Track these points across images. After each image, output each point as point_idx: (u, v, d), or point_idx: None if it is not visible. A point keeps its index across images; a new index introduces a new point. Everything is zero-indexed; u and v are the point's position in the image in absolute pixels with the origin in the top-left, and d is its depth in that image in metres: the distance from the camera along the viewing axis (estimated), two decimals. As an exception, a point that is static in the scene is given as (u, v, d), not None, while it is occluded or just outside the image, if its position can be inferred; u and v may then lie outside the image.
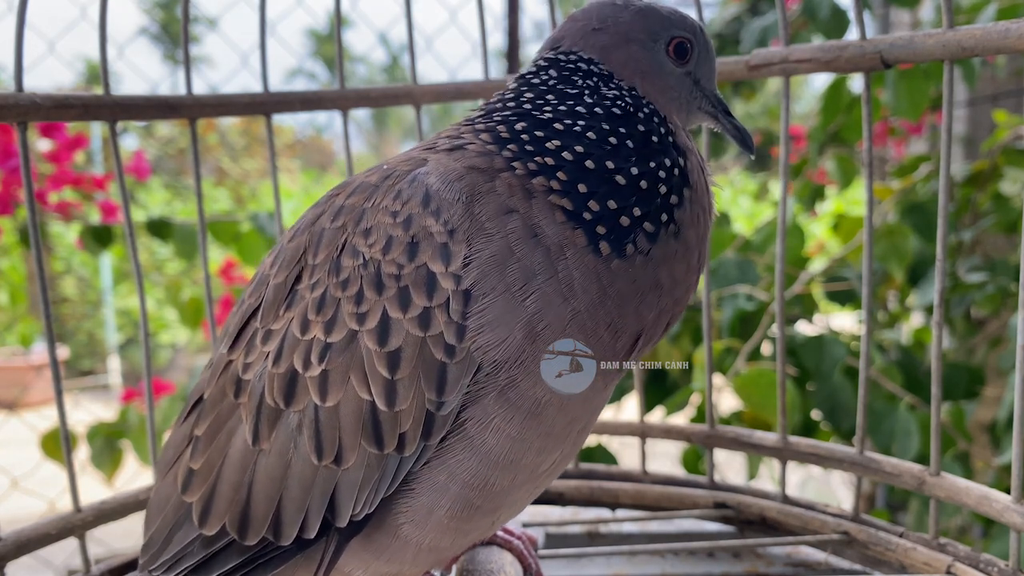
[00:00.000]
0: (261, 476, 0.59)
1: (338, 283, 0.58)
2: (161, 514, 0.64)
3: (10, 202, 1.90)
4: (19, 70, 0.81)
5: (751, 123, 4.39)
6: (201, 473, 0.62)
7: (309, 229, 0.62)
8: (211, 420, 0.62)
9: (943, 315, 0.81)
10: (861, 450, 0.89)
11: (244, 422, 0.60)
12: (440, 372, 0.55)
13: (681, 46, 0.66)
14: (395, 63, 13.71)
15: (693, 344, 1.64)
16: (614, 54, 0.65)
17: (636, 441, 1.06)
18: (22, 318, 5.06)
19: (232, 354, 0.63)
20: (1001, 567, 0.76)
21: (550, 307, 0.56)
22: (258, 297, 0.63)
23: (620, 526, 1.02)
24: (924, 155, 2.02)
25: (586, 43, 0.65)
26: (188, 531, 0.62)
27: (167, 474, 0.66)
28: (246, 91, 0.98)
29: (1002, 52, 0.73)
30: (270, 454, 0.58)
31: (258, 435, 0.59)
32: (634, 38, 0.65)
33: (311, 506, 0.58)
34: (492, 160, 0.60)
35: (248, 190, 6.83)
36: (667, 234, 0.60)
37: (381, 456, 0.57)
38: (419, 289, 0.56)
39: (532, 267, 0.56)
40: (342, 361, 0.57)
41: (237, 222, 1.81)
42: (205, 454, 0.62)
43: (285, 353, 0.59)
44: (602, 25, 0.65)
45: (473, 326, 0.55)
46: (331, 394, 0.57)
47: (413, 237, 0.57)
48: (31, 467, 2.08)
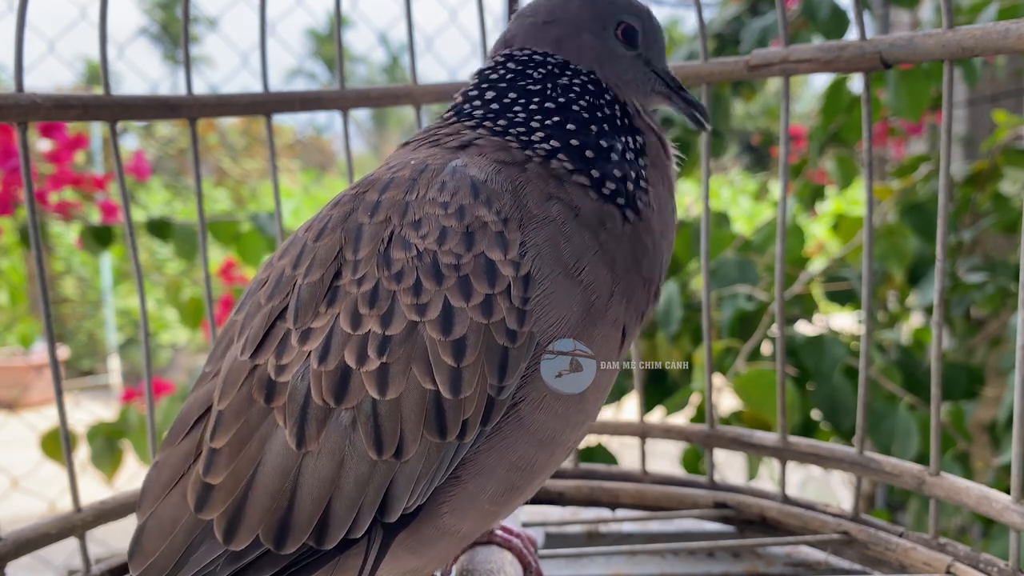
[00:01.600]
0: (309, 479, 0.57)
1: (391, 276, 0.58)
2: (166, 539, 0.60)
3: (10, 202, 1.90)
4: (19, 70, 0.81)
5: (751, 123, 4.39)
6: (224, 487, 0.59)
7: (342, 226, 0.61)
8: (236, 430, 0.59)
9: (943, 315, 0.81)
10: (861, 450, 0.89)
11: (282, 426, 0.58)
12: (503, 357, 0.57)
13: (630, 30, 0.69)
14: (395, 63, 13.71)
15: (693, 344, 1.64)
16: (567, 44, 0.68)
17: (636, 441, 1.06)
18: (22, 318, 5.05)
19: (257, 359, 0.60)
20: (1001, 567, 0.76)
21: (599, 279, 0.60)
22: (283, 298, 0.61)
23: (620, 526, 1.02)
24: (924, 155, 2.02)
25: (538, 38, 0.68)
26: (210, 550, 0.59)
27: (166, 497, 0.62)
28: (246, 91, 0.98)
29: (1002, 52, 0.73)
30: (320, 455, 0.57)
31: (304, 437, 0.57)
32: (585, 27, 0.68)
33: (364, 503, 0.57)
34: (511, 152, 0.63)
35: (248, 190, 6.83)
36: (645, 197, 0.66)
37: (442, 445, 0.57)
38: (480, 277, 0.57)
39: (582, 245, 0.60)
40: (403, 353, 0.56)
41: (237, 222, 1.81)
42: (229, 466, 0.59)
43: (334, 350, 0.57)
44: (552, 18, 0.68)
45: (534, 309, 0.58)
46: (392, 386, 0.56)
47: (468, 227, 0.58)
48: (31, 467, 2.08)
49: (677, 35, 4.67)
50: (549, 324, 0.58)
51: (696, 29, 0.99)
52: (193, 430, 0.63)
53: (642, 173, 0.66)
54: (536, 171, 0.62)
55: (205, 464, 0.60)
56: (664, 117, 1.78)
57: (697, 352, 1.51)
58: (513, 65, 0.68)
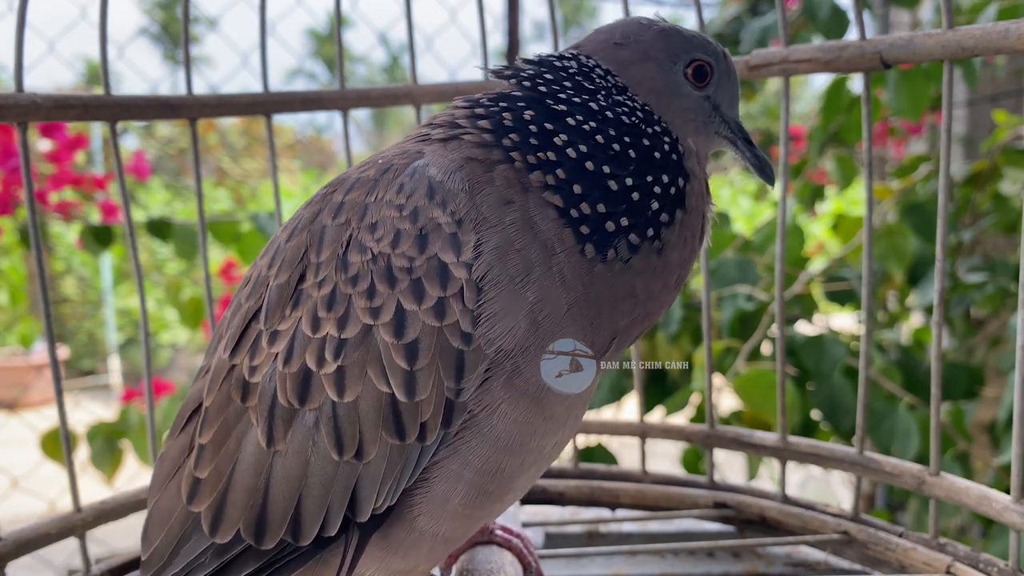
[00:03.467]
0: (278, 477, 0.59)
1: (347, 279, 0.58)
2: (164, 528, 0.63)
3: (10, 202, 1.90)
4: (19, 70, 0.81)
5: (751, 123, 4.39)
6: (209, 481, 0.61)
7: (308, 228, 0.62)
8: (217, 427, 0.61)
9: (943, 315, 0.81)
10: (861, 450, 0.89)
11: (255, 425, 0.59)
12: (458, 359, 0.57)
13: (700, 69, 0.67)
14: (395, 63, 13.70)
15: (693, 344, 1.64)
16: (631, 70, 0.65)
17: (636, 441, 1.06)
18: (22, 318, 5.05)
19: (235, 358, 0.62)
20: (1001, 567, 0.76)
21: (548, 299, 0.58)
22: (258, 299, 0.62)
23: (620, 526, 1.02)
24: (924, 155, 2.02)
25: (606, 55, 0.66)
26: (199, 542, 0.61)
27: (166, 487, 0.65)
28: (246, 91, 0.98)
29: (1002, 52, 0.73)
30: (287, 454, 0.58)
31: (273, 436, 0.59)
32: (653, 56, 0.66)
33: (332, 502, 0.58)
34: (490, 152, 0.61)
35: (248, 190, 6.83)
36: (650, 248, 0.61)
37: (403, 447, 0.57)
38: (432, 280, 0.57)
39: (531, 259, 0.58)
40: (358, 356, 0.57)
41: (237, 222, 1.81)
42: (213, 462, 0.61)
43: (296, 352, 0.58)
44: (624, 41, 0.66)
45: (485, 314, 0.57)
46: (349, 389, 0.57)
47: (421, 229, 0.58)
48: (31, 467, 2.08)
49: (677, 35, 4.65)
50: (497, 335, 0.57)
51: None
52: (188, 424, 0.65)
53: (663, 216, 0.62)
54: (504, 175, 0.60)
55: (195, 458, 0.62)
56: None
57: (697, 352, 1.51)
58: (570, 71, 0.65)
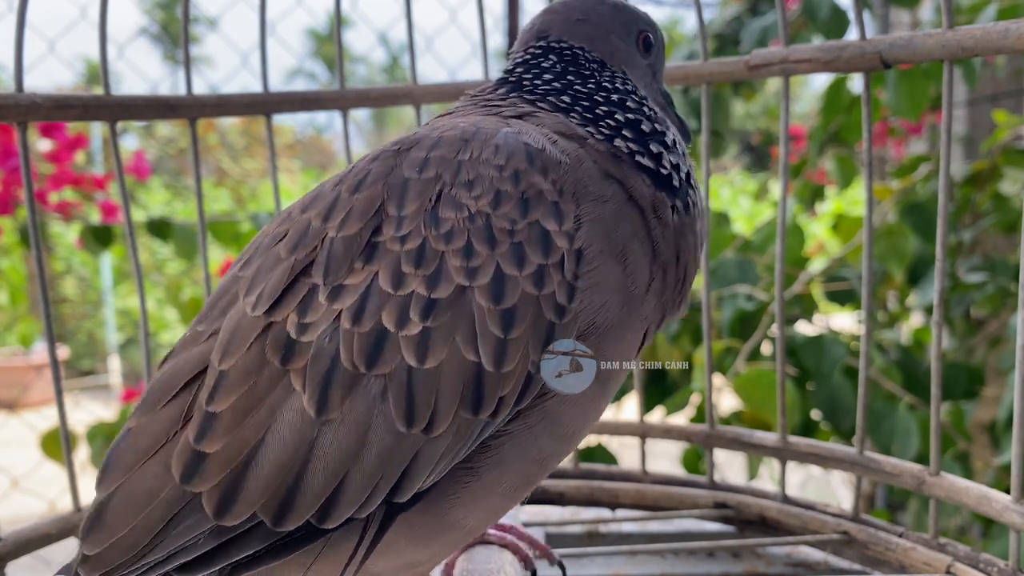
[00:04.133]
0: (326, 450, 0.52)
1: (439, 235, 0.54)
2: (140, 514, 0.54)
3: (10, 202, 1.90)
4: (19, 70, 0.81)
5: (751, 123, 4.39)
6: (222, 456, 0.53)
7: (384, 181, 0.57)
8: (242, 393, 0.54)
9: (943, 315, 0.81)
10: (861, 450, 0.89)
11: (299, 391, 0.53)
12: (548, 332, 0.54)
13: (648, 39, 0.72)
14: (395, 63, 13.71)
15: (693, 344, 1.64)
16: (599, 45, 0.69)
17: (636, 441, 1.06)
18: (22, 318, 5.06)
19: (274, 315, 0.55)
20: (1001, 567, 0.76)
21: (640, 270, 0.59)
22: (311, 251, 0.56)
23: (620, 526, 1.02)
24: (924, 155, 2.02)
25: (572, 33, 0.69)
26: (193, 526, 0.54)
27: (143, 466, 0.55)
28: (246, 91, 0.98)
29: (1002, 52, 0.73)
30: (341, 424, 0.52)
31: (326, 404, 0.52)
32: (614, 30, 0.70)
33: (382, 480, 0.52)
34: (571, 127, 0.62)
35: (248, 190, 6.82)
36: (694, 195, 0.66)
37: (473, 421, 0.53)
38: (534, 246, 0.54)
39: (631, 230, 0.59)
40: (448, 319, 0.53)
41: (237, 222, 1.81)
42: (231, 434, 0.53)
43: (369, 310, 0.53)
44: (584, 16, 0.69)
45: (582, 287, 0.55)
46: (432, 355, 0.52)
47: (523, 193, 0.55)
48: (31, 467, 2.08)
49: (677, 35, 4.68)
50: (594, 307, 0.56)
51: (696, 29, 0.99)
52: (182, 393, 0.57)
53: (691, 169, 0.66)
54: (596, 147, 0.61)
55: (198, 430, 0.54)
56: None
57: (697, 352, 1.51)
58: (559, 54, 0.68)
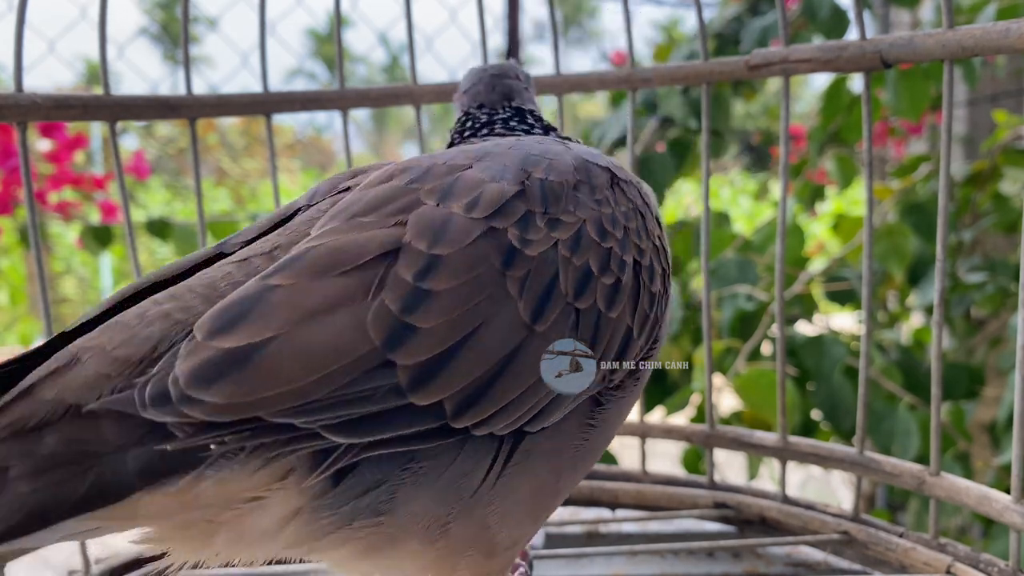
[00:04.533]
0: (525, 358, 0.55)
1: (619, 213, 0.63)
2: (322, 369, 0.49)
3: (10, 202, 1.90)
4: (19, 70, 0.81)
5: (751, 123, 4.39)
6: (436, 334, 0.52)
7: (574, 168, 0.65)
8: (466, 281, 0.54)
9: (943, 315, 0.81)
10: (861, 450, 0.89)
11: (515, 298, 0.55)
12: (653, 326, 0.64)
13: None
14: (395, 63, 13.71)
15: (693, 344, 1.64)
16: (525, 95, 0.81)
17: (636, 441, 1.05)
18: (22, 318, 5.05)
19: (495, 222, 0.56)
20: (1001, 567, 0.76)
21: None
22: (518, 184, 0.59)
23: (620, 526, 1.02)
24: (924, 155, 2.02)
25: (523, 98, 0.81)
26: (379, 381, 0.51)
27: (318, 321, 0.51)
28: (246, 91, 0.98)
29: (1002, 52, 0.73)
30: (544, 339, 0.55)
31: (540, 315, 0.55)
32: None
33: (544, 396, 0.56)
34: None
35: (248, 190, 6.82)
36: None
37: (605, 375, 0.60)
38: (660, 251, 0.66)
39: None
40: (627, 282, 0.60)
41: (237, 222, 1.81)
42: (450, 314, 0.52)
43: (583, 247, 0.59)
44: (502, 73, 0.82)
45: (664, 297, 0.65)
46: (615, 306, 0.59)
47: (637, 207, 0.65)
48: (31, 467, 2.07)
49: (677, 35, 4.68)
50: (665, 319, 0.66)
51: (696, 29, 0.99)
52: (368, 265, 0.53)
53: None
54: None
55: (406, 302, 0.52)
56: (664, 117, 1.78)
57: (697, 352, 1.51)
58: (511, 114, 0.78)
